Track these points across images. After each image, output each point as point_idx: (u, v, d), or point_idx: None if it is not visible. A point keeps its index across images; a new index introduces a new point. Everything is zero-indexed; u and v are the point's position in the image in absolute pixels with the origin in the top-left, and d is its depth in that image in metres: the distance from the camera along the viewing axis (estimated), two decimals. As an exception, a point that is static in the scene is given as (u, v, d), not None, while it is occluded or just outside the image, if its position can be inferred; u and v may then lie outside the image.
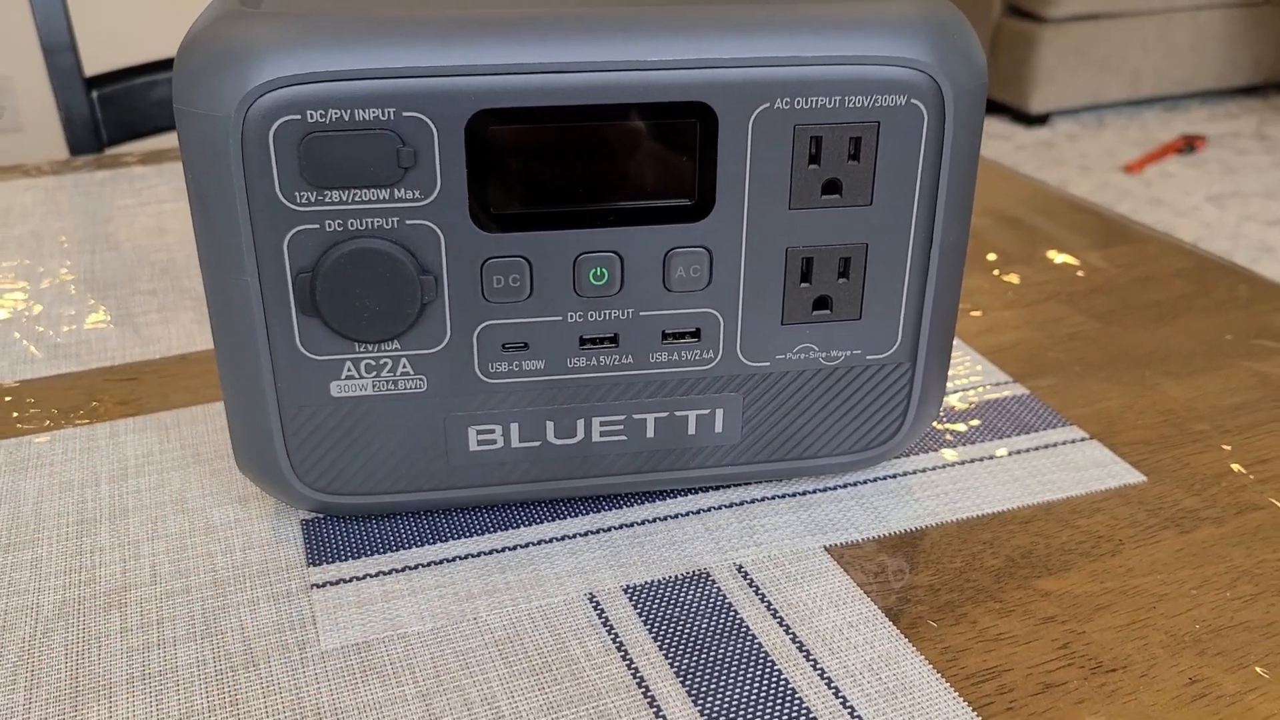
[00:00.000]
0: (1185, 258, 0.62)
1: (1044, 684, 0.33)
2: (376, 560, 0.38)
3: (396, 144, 0.33)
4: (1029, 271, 0.60)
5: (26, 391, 0.48)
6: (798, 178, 0.35)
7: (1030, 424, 0.46)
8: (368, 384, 0.36)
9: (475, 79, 0.33)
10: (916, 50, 0.35)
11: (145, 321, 0.54)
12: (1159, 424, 0.46)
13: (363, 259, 0.34)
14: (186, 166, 0.33)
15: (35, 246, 0.63)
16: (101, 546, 0.38)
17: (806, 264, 0.37)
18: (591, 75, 0.33)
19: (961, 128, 0.36)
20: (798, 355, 0.38)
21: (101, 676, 0.33)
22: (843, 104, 0.35)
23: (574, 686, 0.33)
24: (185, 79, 0.33)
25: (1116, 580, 0.37)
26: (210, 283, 0.35)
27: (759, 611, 0.36)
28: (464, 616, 0.35)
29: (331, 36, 0.32)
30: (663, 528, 0.39)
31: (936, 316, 0.38)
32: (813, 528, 0.40)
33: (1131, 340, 0.53)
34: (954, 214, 0.37)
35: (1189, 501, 0.41)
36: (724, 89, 0.34)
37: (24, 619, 0.35)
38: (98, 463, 0.43)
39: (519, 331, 0.36)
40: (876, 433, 0.40)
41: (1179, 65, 3.13)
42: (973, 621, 0.35)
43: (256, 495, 0.41)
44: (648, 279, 0.36)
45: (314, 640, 0.34)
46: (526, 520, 0.40)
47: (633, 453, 0.39)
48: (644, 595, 0.36)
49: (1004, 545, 0.39)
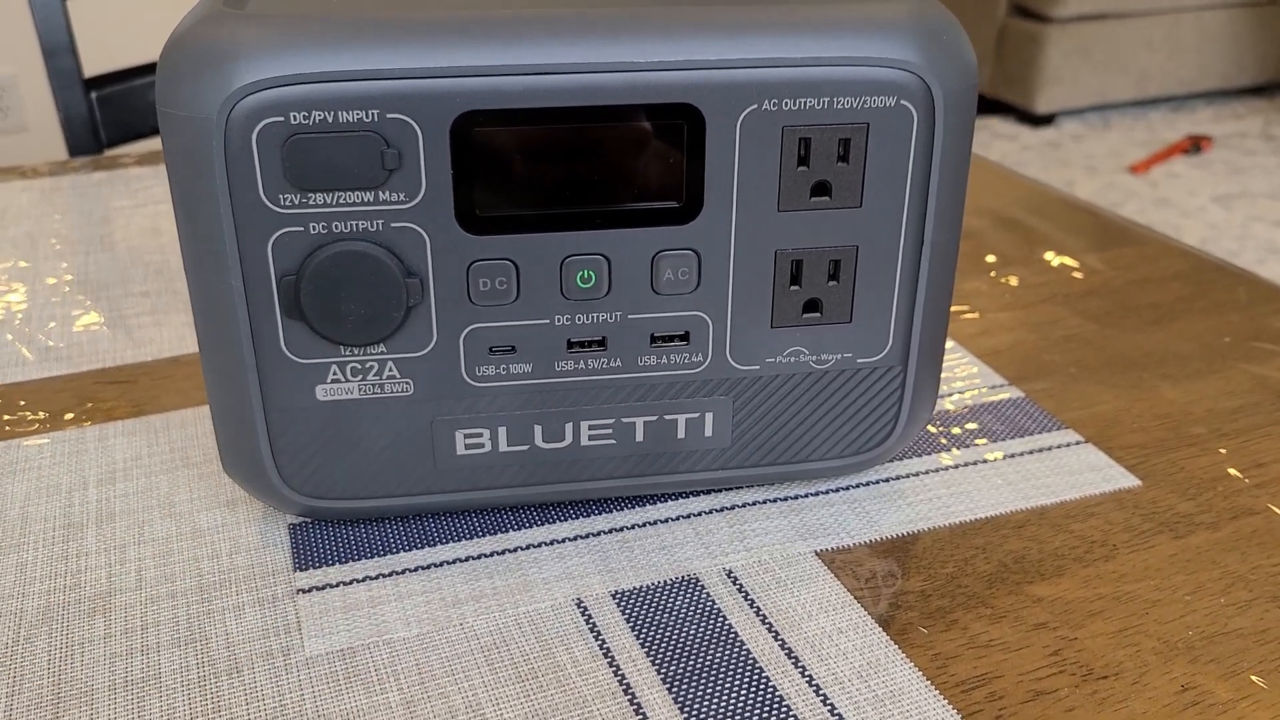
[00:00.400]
0: (1183, 260, 0.61)
1: (1034, 691, 0.33)
2: (363, 565, 0.37)
3: (381, 146, 0.33)
4: (1026, 273, 0.60)
5: (17, 394, 0.48)
6: (787, 179, 0.35)
7: (1025, 427, 0.45)
8: (353, 387, 0.36)
9: (460, 80, 0.32)
10: (906, 51, 0.34)
11: (138, 324, 0.54)
12: (1155, 427, 0.46)
13: (347, 262, 0.34)
14: (170, 169, 0.33)
15: (30, 248, 0.62)
16: (87, 550, 0.38)
17: (796, 266, 0.37)
18: (578, 76, 0.33)
19: (952, 129, 0.35)
20: (788, 359, 0.38)
21: (83, 683, 0.33)
22: (831, 105, 0.34)
23: (560, 694, 0.32)
24: (168, 80, 0.33)
25: (1109, 586, 0.37)
26: (194, 286, 0.35)
27: (748, 617, 0.35)
28: (450, 622, 0.35)
29: (315, 38, 0.32)
30: (652, 532, 0.39)
31: (928, 319, 0.38)
32: (804, 532, 0.39)
33: (1128, 343, 0.52)
34: (945, 216, 0.37)
35: (1184, 506, 0.41)
36: (711, 90, 0.34)
37: (7, 624, 0.35)
38: (86, 466, 0.43)
39: (506, 335, 0.36)
40: (868, 437, 0.40)
41: (1185, 65, 3.11)
42: (964, 628, 0.35)
43: (245, 499, 0.41)
44: (636, 282, 0.36)
45: (299, 646, 0.34)
46: (514, 525, 0.39)
47: (622, 456, 0.38)
48: (632, 601, 0.36)
49: (996, 550, 0.39)
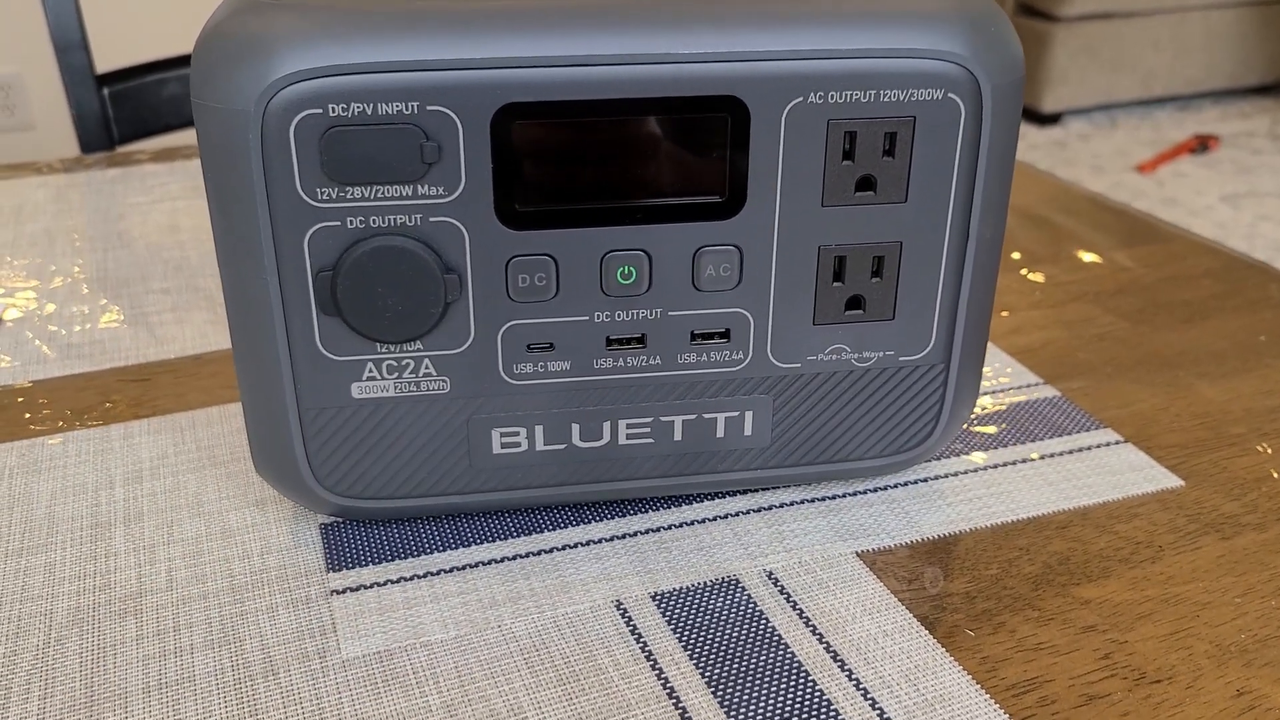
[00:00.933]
0: (1214, 257, 0.61)
1: (1087, 696, 0.32)
2: (398, 566, 0.37)
3: (420, 139, 0.32)
4: (1055, 271, 0.59)
5: (39, 392, 0.47)
6: (831, 174, 0.35)
7: (1063, 426, 0.45)
8: (389, 385, 0.35)
9: (501, 72, 0.32)
10: (953, 43, 0.34)
11: (159, 321, 0.53)
12: (1194, 427, 0.45)
13: (385, 257, 0.33)
14: (205, 163, 0.33)
15: (47, 244, 0.62)
16: (116, 551, 0.37)
17: (839, 263, 0.36)
18: (621, 68, 0.32)
19: (999, 122, 0.35)
20: (829, 356, 0.37)
21: (117, 685, 0.32)
22: (878, 98, 0.34)
23: (602, 698, 0.32)
24: (204, 72, 0.32)
25: (1157, 588, 0.36)
26: (229, 281, 0.34)
27: (790, 619, 0.35)
28: (488, 624, 0.34)
29: (354, 28, 0.31)
30: (690, 532, 0.38)
31: (971, 316, 0.37)
32: (843, 533, 0.39)
33: (1162, 341, 0.52)
34: (990, 211, 0.36)
35: (1229, 506, 0.40)
36: (756, 82, 0.33)
37: (37, 625, 0.34)
38: (112, 465, 0.42)
39: (544, 331, 0.35)
40: (909, 435, 0.39)
41: (1192, 65, 3.11)
42: (1011, 630, 0.34)
43: (274, 499, 0.40)
44: (677, 278, 0.35)
45: (334, 648, 0.33)
46: (551, 525, 0.39)
47: (660, 455, 0.38)
48: (672, 602, 0.35)
49: (1040, 551, 0.38)
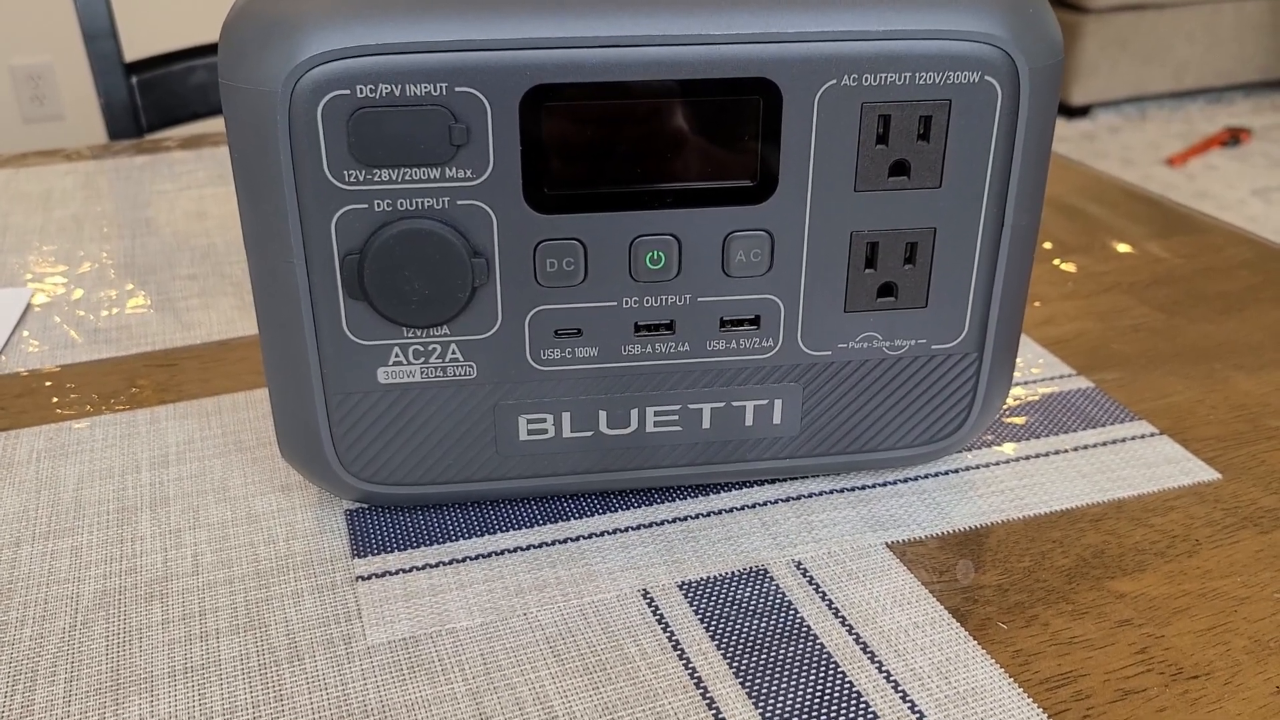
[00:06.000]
0: (1250, 248, 0.60)
1: (1122, 690, 0.32)
2: (423, 552, 0.36)
3: (448, 120, 0.32)
4: (1087, 261, 0.58)
5: (66, 376, 0.47)
6: (864, 158, 0.34)
7: (1096, 418, 0.44)
8: (416, 370, 0.35)
9: (531, 53, 0.31)
10: (991, 25, 0.33)
11: (186, 306, 0.53)
12: (1231, 419, 0.44)
13: (412, 240, 0.33)
14: (232, 144, 0.32)
15: (75, 230, 0.62)
16: (142, 535, 0.37)
17: (871, 249, 0.35)
18: (651, 50, 0.32)
19: (1036, 106, 0.34)
20: (860, 344, 0.37)
21: (143, 669, 0.32)
22: (913, 81, 0.33)
23: (629, 687, 0.31)
24: (231, 53, 0.32)
25: (1194, 582, 0.36)
26: (255, 265, 0.34)
27: (820, 610, 0.34)
28: (514, 612, 0.34)
29: (382, 8, 0.31)
30: (717, 522, 0.38)
31: (1005, 305, 0.37)
32: (873, 523, 0.38)
33: (1198, 332, 0.51)
34: (1026, 197, 0.35)
35: (1267, 500, 0.39)
36: (789, 64, 0.32)
37: (64, 608, 0.34)
38: (138, 449, 0.42)
39: (572, 317, 0.35)
40: (941, 425, 0.39)
41: (1223, 57, 3.07)
42: (1044, 624, 0.34)
43: (300, 484, 0.40)
44: (706, 263, 0.35)
45: (360, 634, 0.33)
46: (577, 513, 0.38)
47: (688, 444, 0.37)
48: (700, 592, 0.35)
49: (1074, 544, 0.37)
